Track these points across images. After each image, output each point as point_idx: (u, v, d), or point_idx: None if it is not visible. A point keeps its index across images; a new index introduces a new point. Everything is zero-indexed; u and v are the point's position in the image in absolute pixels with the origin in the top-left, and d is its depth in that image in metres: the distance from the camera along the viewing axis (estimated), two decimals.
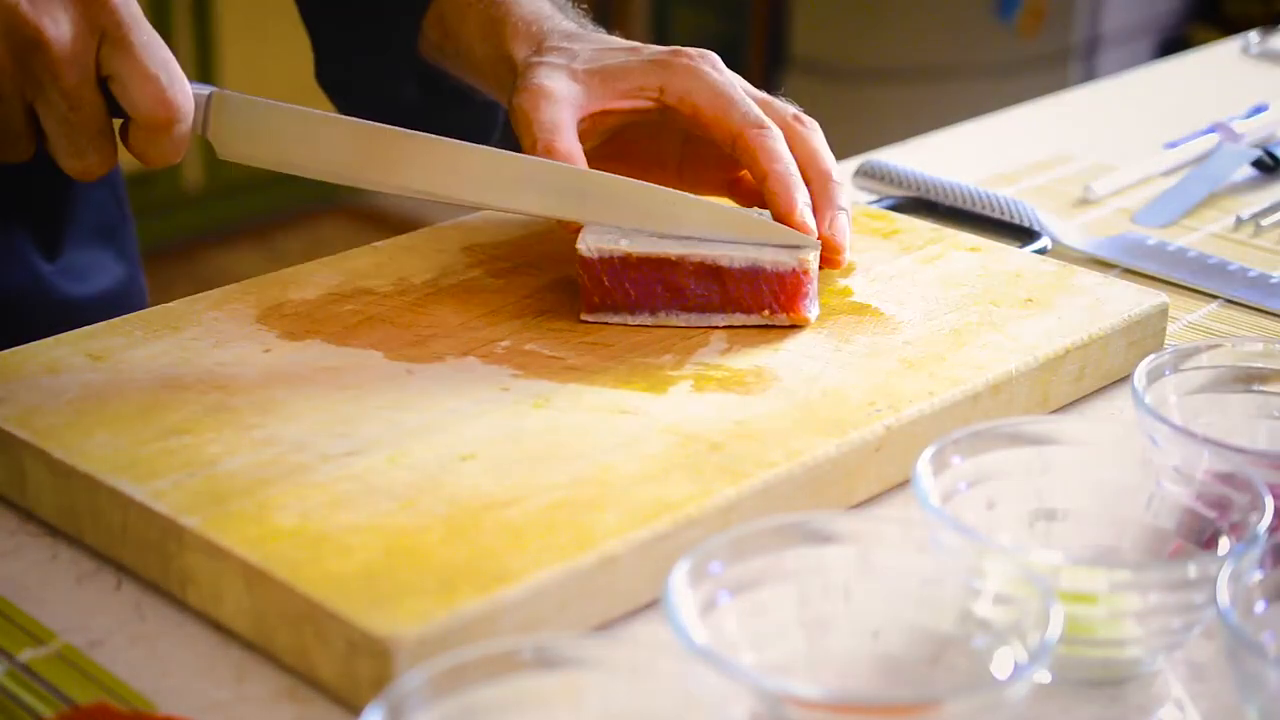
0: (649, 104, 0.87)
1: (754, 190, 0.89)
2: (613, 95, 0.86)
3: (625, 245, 0.82)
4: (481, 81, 0.95)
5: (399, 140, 0.82)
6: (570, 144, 0.84)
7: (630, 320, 0.83)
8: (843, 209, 0.85)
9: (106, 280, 1.06)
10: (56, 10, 0.72)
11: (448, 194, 0.83)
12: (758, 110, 0.86)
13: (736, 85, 0.87)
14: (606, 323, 0.83)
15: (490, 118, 1.01)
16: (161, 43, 0.75)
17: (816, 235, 0.83)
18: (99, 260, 1.06)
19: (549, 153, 0.83)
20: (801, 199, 0.83)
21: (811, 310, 0.83)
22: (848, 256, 0.85)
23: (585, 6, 0.95)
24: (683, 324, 0.83)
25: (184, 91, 0.75)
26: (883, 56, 3.05)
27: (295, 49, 1.12)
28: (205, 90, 0.79)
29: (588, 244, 0.82)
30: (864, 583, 0.61)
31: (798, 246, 0.83)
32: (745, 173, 0.90)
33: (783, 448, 0.72)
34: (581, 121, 0.86)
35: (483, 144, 0.84)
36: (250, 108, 0.80)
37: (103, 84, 0.74)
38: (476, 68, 0.93)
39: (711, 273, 0.82)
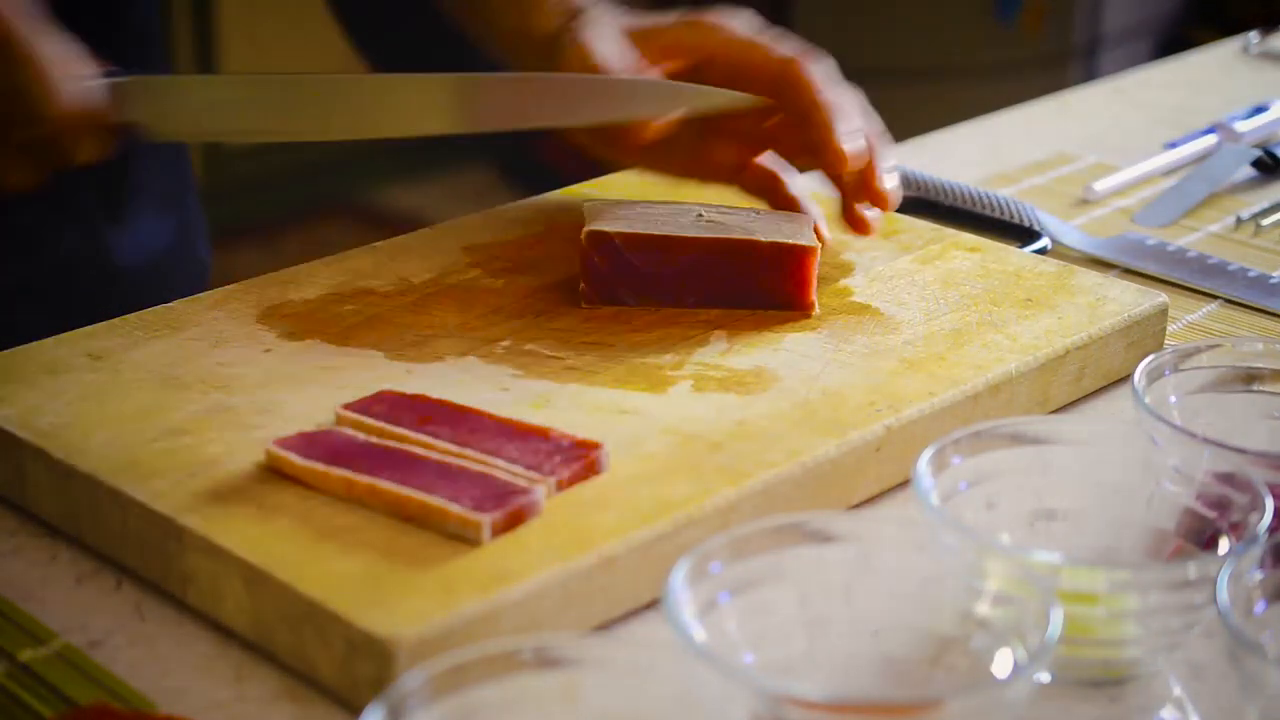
0: (684, 63, 0.88)
1: (762, 179, 0.90)
2: (655, 52, 0.87)
3: (629, 226, 0.83)
4: (505, 54, 0.95)
5: (323, 84, 0.83)
6: (641, 63, 0.85)
7: (632, 302, 0.83)
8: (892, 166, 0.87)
9: (163, 245, 1.07)
10: None
11: (383, 131, 0.84)
12: (791, 48, 0.86)
13: (768, 32, 0.88)
14: (608, 305, 0.84)
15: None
16: (58, 42, 0.75)
17: (862, 159, 0.84)
18: (160, 228, 1.06)
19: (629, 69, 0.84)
20: (842, 128, 0.83)
21: (814, 298, 0.84)
22: (896, 196, 0.86)
23: None
24: (689, 305, 0.83)
25: (83, 89, 0.76)
26: (883, 56, 3.05)
27: (296, 48, 1.12)
28: (125, 79, 0.80)
29: (595, 224, 0.83)
30: (864, 583, 0.61)
31: (792, 240, 0.84)
32: (755, 161, 0.91)
33: (783, 448, 0.72)
34: None
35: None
36: (173, 86, 0.82)
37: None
38: (502, 39, 0.94)
39: (720, 251, 0.83)
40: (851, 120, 0.84)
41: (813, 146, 0.84)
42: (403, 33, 1.03)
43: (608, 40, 0.86)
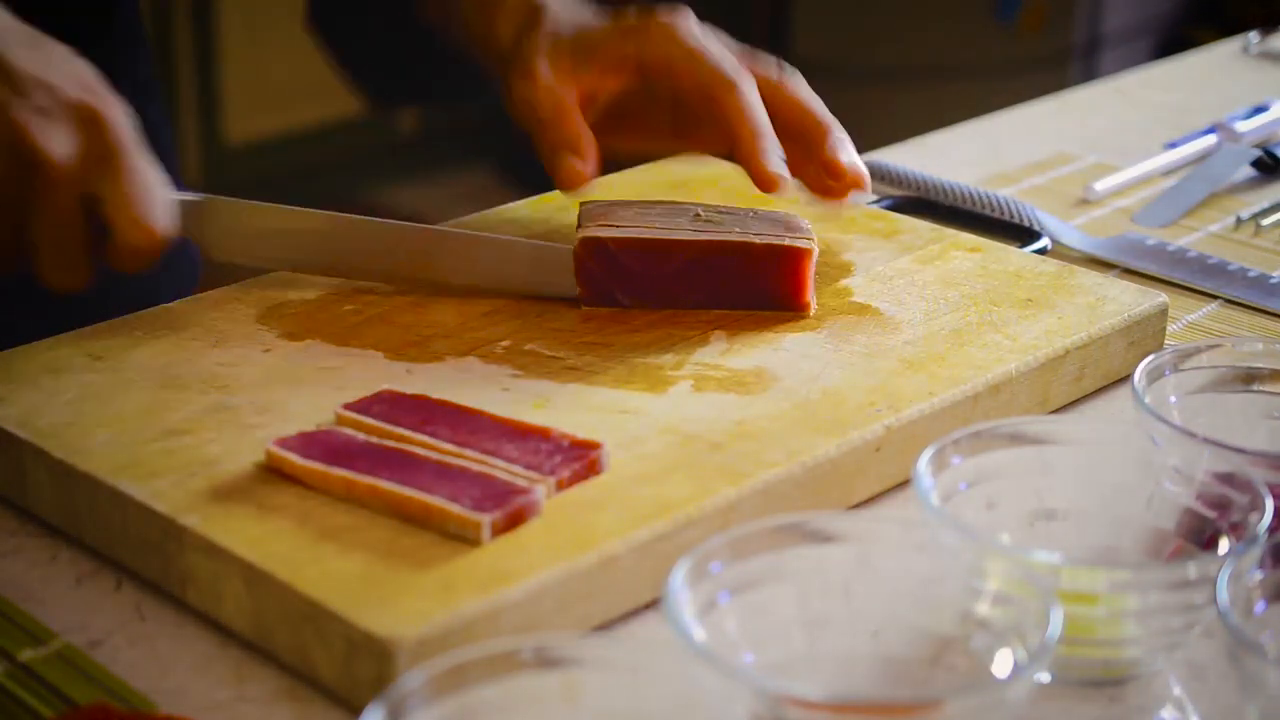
0: (629, 76, 0.88)
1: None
2: (596, 72, 0.87)
3: (623, 231, 0.83)
4: (478, 57, 0.96)
5: (381, 231, 0.84)
6: (580, 125, 0.85)
7: (628, 305, 0.84)
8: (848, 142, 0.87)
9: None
10: (60, 132, 0.74)
11: (434, 280, 0.85)
12: (728, 66, 0.85)
13: (711, 42, 0.87)
14: (606, 307, 0.84)
15: (475, 82, 1.02)
16: (151, 166, 0.77)
17: (787, 183, 0.84)
18: None
19: (559, 122, 0.84)
20: (775, 152, 0.84)
21: (811, 299, 0.84)
22: (869, 182, 0.86)
23: None
24: (686, 307, 0.84)
25: (164, 216, 0.77)
26: (883, 56, 3.05)
27: (295, 49, 1.13)
28: (195, 198, 0.82)
29: (589, 229, 0.83)
30: (864, 583, 0.61)
31: (797, 234, 0.84)
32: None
33: (783, 448, 0.72)
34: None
35: (469, 102, 0.86)
36: (237, 210, 0.83)
37: (89, 201, 0.76)
38: (472, 44, 0.95)
39: (715, 253, 0.83)
40: (773, 147, 0.84)
41: (743, 166, 0.85)
42: (388, 54, 1.03)
43: (549, 71, 0.86)
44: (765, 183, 0.83)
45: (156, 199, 0.77)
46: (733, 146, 0.85)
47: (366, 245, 0.85)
